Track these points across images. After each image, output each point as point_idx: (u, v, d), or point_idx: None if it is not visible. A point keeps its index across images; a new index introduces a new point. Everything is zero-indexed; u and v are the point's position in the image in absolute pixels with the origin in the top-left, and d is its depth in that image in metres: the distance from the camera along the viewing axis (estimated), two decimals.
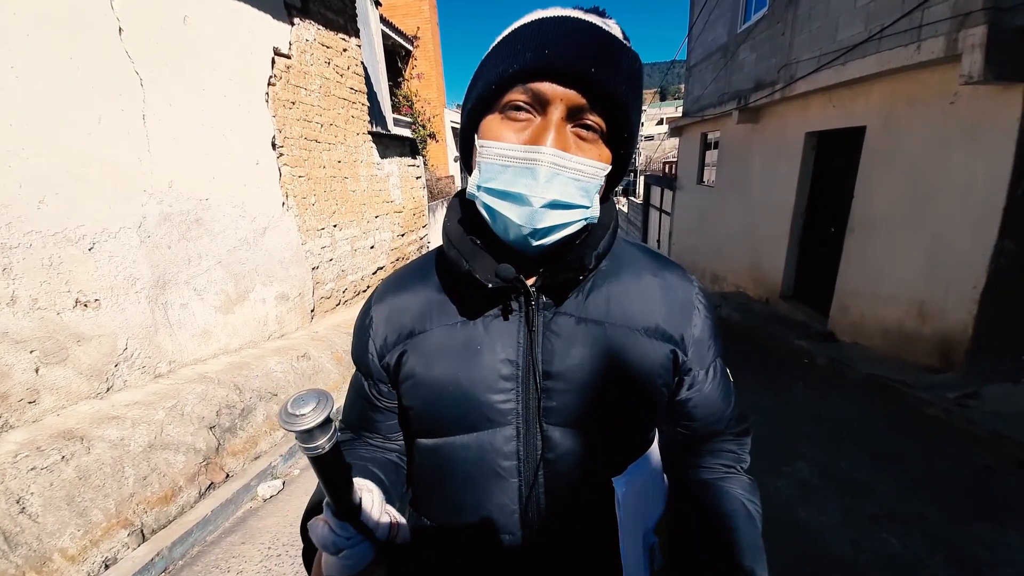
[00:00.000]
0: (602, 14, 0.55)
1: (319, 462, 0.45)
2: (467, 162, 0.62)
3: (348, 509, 0.50)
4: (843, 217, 5.07)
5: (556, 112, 0.52)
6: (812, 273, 5.89)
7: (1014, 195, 3.30)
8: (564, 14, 0.53)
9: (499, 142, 0.53)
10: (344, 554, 0.50)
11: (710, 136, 8.92)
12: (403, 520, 0.57)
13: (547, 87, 0.51)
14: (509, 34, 0.54)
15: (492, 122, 0.55)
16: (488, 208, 0.55)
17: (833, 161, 5.46)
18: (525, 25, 0.53)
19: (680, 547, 0.67)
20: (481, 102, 0.55)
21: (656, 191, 13.80)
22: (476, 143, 0.56)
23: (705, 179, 9.28)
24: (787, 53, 5.76)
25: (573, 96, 0.51)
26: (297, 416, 0.42)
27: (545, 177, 0.51)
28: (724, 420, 0.71)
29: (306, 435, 0.43)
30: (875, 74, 4.23)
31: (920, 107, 4.01)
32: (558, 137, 0.52)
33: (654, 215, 14.16)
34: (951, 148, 3.74)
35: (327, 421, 0.43)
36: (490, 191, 0.54)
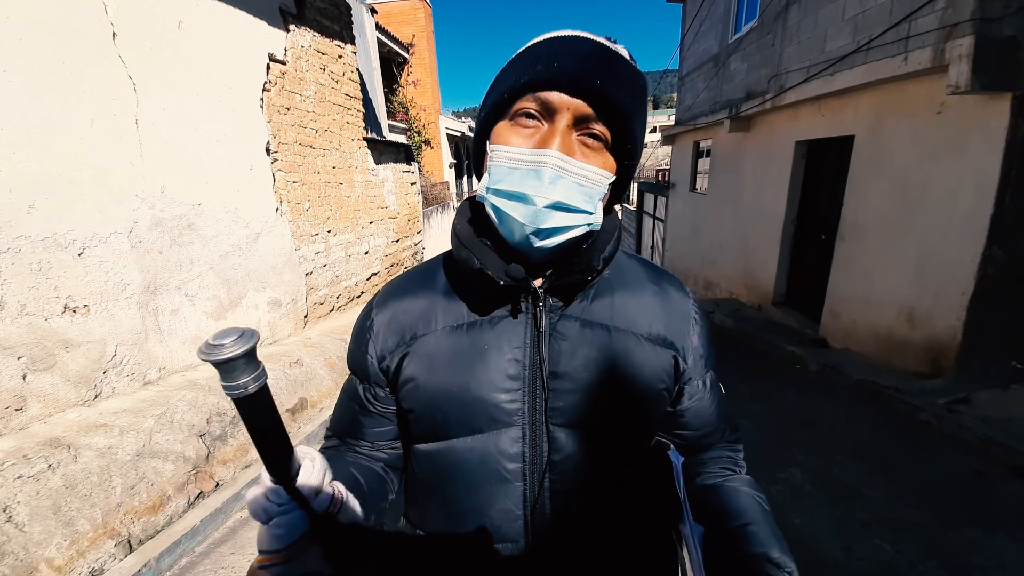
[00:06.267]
0: (611, 40, 0.58)
1: (244, 406, 0.41)
2: (479, 169, 0.64)
3: (281, 470, 0.46)
4: (833, 224, 5.13)
5: (563, 120, 0.55)
6: (803, 280, 5.94)
7: (1001, 203, 3.35)
8: (575, 34, 0.57)
9: (509, 146, 0.56)
10: (274, 522, 0.46)
11: (702, 144, 9.01)
12: (349, 496, 0.54)
13: (555, 96, 0.54)
14: (524, 50, 0.59)
15: (503, 128, 0.58)
16: (496, 209, 0.57)
17: (823, 169, 5.53)
18: (539, 43, 0.58)
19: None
20: (494, 111, 0.59)
21: (649, 198, 13.90)
22: (488, 148, 0.59)
23: (698, 186, 9.36)
24: (777, 63, 5.84)
25: (579, 105, 0.54)
26: (215, 346, 0.38)
27: (549, 178, 0.54)
28: (719, 431, 0.73)
29: (226, 369, 0.38)
30: (863, 84, 4.30)
31: (908, 117, 4.07)
32: (563, 142, 0.55)
33: (647, 222, 14.23)
34: (939, 157, 3.80)
35: (251, 356, 0.40)
36: (498, 192, 0.57)
